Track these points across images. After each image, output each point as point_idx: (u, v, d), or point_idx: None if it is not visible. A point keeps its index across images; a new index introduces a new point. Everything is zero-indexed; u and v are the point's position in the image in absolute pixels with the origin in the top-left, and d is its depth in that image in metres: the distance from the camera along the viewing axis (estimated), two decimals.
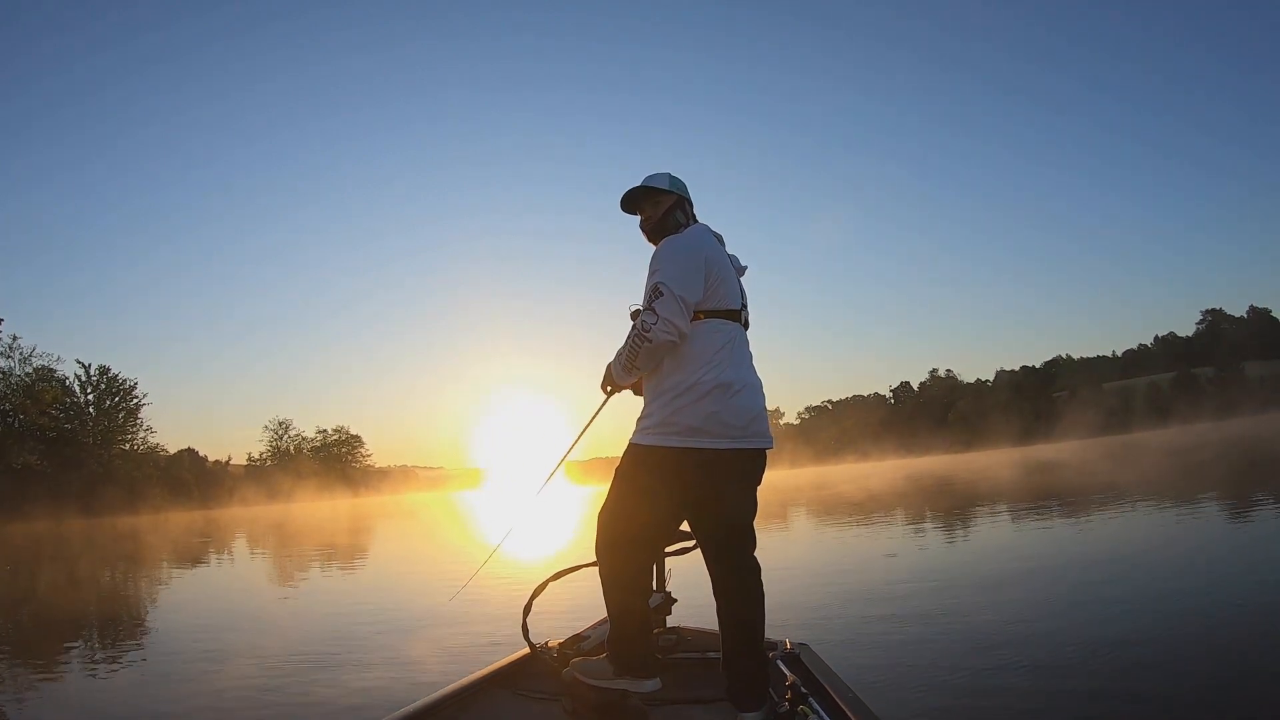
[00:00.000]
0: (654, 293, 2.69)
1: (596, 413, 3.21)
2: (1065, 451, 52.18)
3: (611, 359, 2.95)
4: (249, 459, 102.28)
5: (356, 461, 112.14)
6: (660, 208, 3.00)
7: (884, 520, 17.51)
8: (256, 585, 14.03)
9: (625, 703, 2.83)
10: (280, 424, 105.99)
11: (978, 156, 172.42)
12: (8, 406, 66.73)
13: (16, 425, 66.15)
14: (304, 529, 30.24)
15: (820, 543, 14.26)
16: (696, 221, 3.03)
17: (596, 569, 3.67)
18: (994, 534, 13.33)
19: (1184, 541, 10.21)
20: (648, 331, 2.66)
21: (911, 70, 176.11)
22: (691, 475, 2.70)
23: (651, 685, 2.78)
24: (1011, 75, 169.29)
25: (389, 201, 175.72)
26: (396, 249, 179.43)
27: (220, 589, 13.88)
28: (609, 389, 3.08)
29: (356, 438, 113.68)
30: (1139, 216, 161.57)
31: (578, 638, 3.37)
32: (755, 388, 2.85)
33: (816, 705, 2.71)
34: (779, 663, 3.10)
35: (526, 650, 3.35)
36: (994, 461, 49.15)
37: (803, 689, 2.79)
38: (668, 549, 3.27)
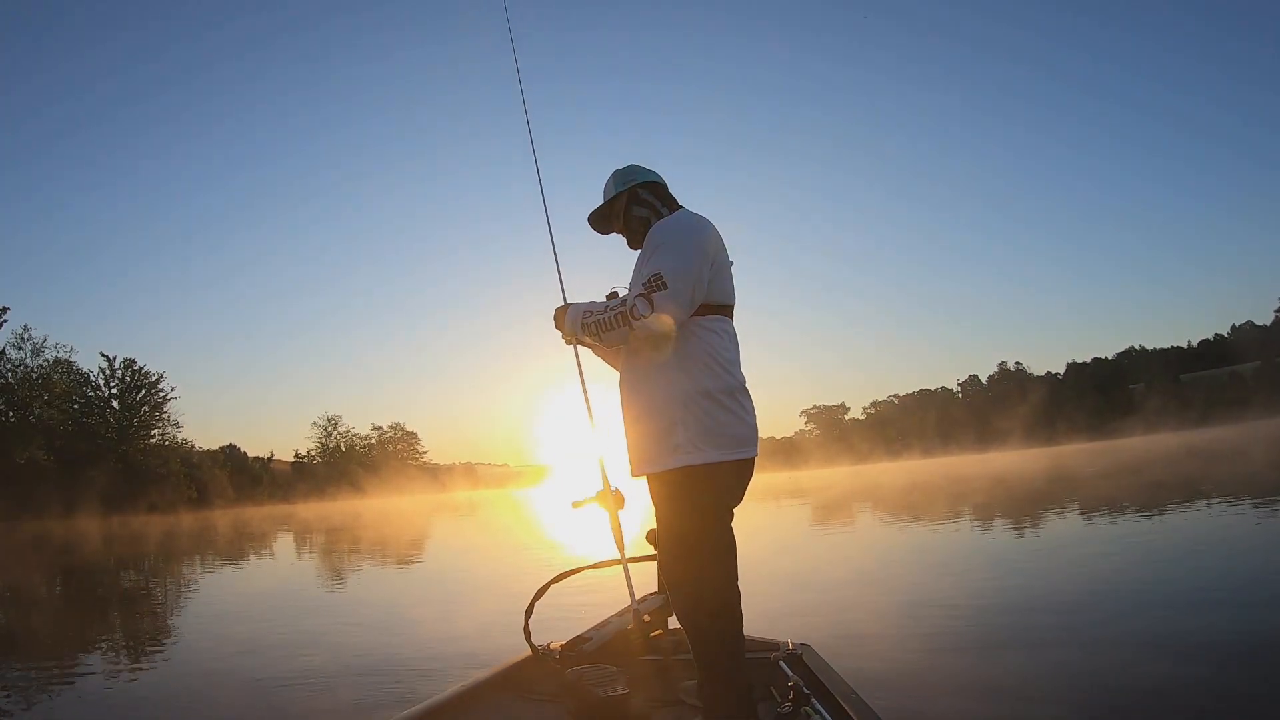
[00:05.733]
0: (655, 282, 2.52)
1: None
2: (1162, 444, 50.58)
3: (566, 305, 2.87)
4: (296, 455, 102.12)
5: (414, 459, 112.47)
6: (623, 215, 2.94)
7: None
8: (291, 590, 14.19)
9: (628, 705, 2.85)
10: (330, 420, 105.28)
11: (1049, 150, 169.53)
12: (15, 399, 65.62)
13: (15, 419, 64.61)
14: (370, 532, 28.86)
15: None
16: (676, 203, 2.91)
17: (595, 570, 3.66)
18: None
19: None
20: (635, 318, 2.52)
21: (975, 63, 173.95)
22: (736, 489, 2.66)
23: None
24: (1084, 72, 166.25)
25: (434, 198, 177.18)
26: (448, 244, 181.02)
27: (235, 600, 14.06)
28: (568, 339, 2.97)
29: (413, 434, 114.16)
30: (1208, 205, 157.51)
31: (579, 640, 3.39)
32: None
33: (819, 705, 2.74)
34: (781, 663, 3.12)
35: (529, 652, 3.40)
36: (1103, 453, 47.88)
37: (805, 689, 2.79)
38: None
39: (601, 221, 3.03)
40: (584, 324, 2.70)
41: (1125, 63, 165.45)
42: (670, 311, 2.49)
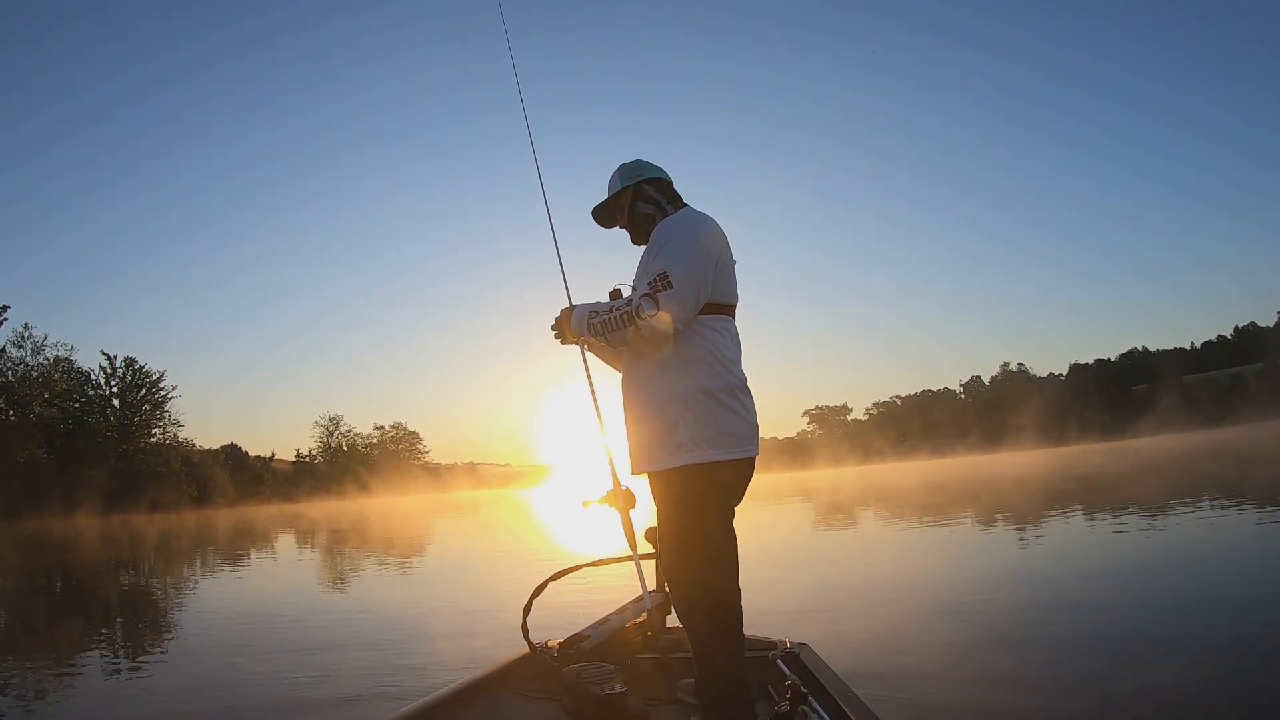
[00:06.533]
0: (660, 281, 2.51)
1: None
2: (1171, 446, 50.39)
3: (572, 306, 2.86)
4: (297, 455, 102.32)
5: (415, 458, 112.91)
6: (627, 210, 2.93)
7: None
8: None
9: (626, 703, 2.85)
10: (331, 420, 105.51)
11: (1049, 150, 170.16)
12: (15, 397, 65.44)
13: (15, 418, 64.38)
14: (375, 532, 28.36)
15: None
16: (681, 200, 2.90)
17: (593, 568, 3.66)
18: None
19: None
20: (640, 317, 2.49)
21: (975, 63, 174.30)
22: (736, 488, 2.66)
23: None
24: (1084, 72, 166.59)
25: (434, 198, 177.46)
26: (449, 244, 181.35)
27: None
28: (571, 340, 2.95)
29: (414, 434, 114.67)
30: (1208, 205, 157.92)
31: (578, 637, 3.39)
32: None
33: (816, 704, 2.74)
34: (779, 662, 3.12)
35: (527, 650, 3.41)
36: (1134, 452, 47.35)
37: (803, 689, 2.79)
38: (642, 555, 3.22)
39: (605, 215, 3.03)
40: (590, 324, 2.69)
41: (1125, 63, 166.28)
42: (675, 311, 2.49)
